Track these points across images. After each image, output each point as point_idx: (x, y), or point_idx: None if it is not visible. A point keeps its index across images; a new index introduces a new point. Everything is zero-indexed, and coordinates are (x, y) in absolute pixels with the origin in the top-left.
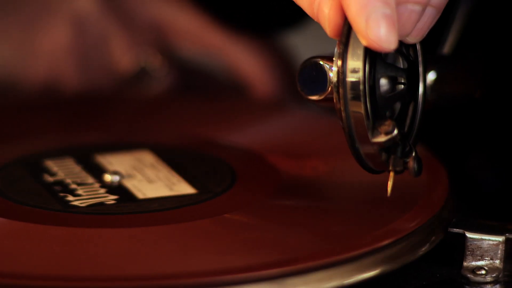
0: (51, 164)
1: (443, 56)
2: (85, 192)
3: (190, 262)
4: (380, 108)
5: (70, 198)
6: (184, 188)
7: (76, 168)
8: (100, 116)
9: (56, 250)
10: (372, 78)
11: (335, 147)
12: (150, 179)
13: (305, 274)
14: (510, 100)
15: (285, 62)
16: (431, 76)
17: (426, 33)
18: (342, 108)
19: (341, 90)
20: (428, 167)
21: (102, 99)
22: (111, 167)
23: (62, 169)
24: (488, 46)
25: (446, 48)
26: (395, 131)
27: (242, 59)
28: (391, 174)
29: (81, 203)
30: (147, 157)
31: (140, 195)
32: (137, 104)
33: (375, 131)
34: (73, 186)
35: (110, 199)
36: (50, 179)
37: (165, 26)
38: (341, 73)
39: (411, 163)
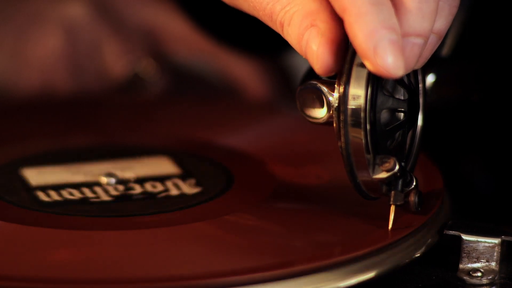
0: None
1: (441, 59)
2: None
3: (186, 265)
4: (381, 139)
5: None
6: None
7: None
8: (96, 120)
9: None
10: (373, 111)
11: (332, 150)
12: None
13: (301, 277)
14: (507, 103)
15: (277, 64)
16: (429, 78)
17: (428, 58)
18: (342, 134)
19: (341, 116)
20: (423, 170)
21: (96, 104)
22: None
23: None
24: (486, 49)
25: (445, 50)
26: (396, 168)
27: (234, 63)
28: (392, 207)
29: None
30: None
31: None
32: (131, 109)
33: (376, 168)
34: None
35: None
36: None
37: (157, 31)
38: (343, 99)
39: (412, 197)
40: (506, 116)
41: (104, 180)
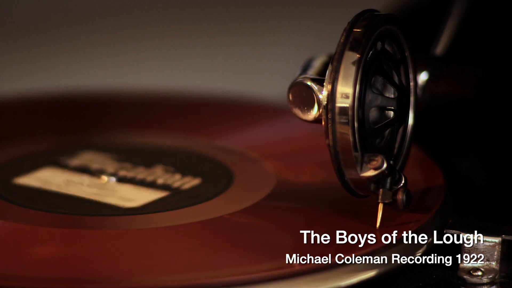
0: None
1: (436, 57)
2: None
3: (184, 264)
4: (369, 137)
5: None
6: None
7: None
8: (98, 118)
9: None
10: (361, 109)
11: None
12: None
13: (302, 276)
14: (504, 100)
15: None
16: (423, 76)
17: None
18: (330, 131)
19: (329, 114)
20: (423, 169)
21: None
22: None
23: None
24: (481, 47)
25: (439, 48)
26: (384, 166)
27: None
28: (380, 205)
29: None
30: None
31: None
32: (136, 106)
33: (364, 166)
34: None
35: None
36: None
37: None
38: (331, 97)
39: (400, 196)
40: (505, 114)
41: (105, 179)
